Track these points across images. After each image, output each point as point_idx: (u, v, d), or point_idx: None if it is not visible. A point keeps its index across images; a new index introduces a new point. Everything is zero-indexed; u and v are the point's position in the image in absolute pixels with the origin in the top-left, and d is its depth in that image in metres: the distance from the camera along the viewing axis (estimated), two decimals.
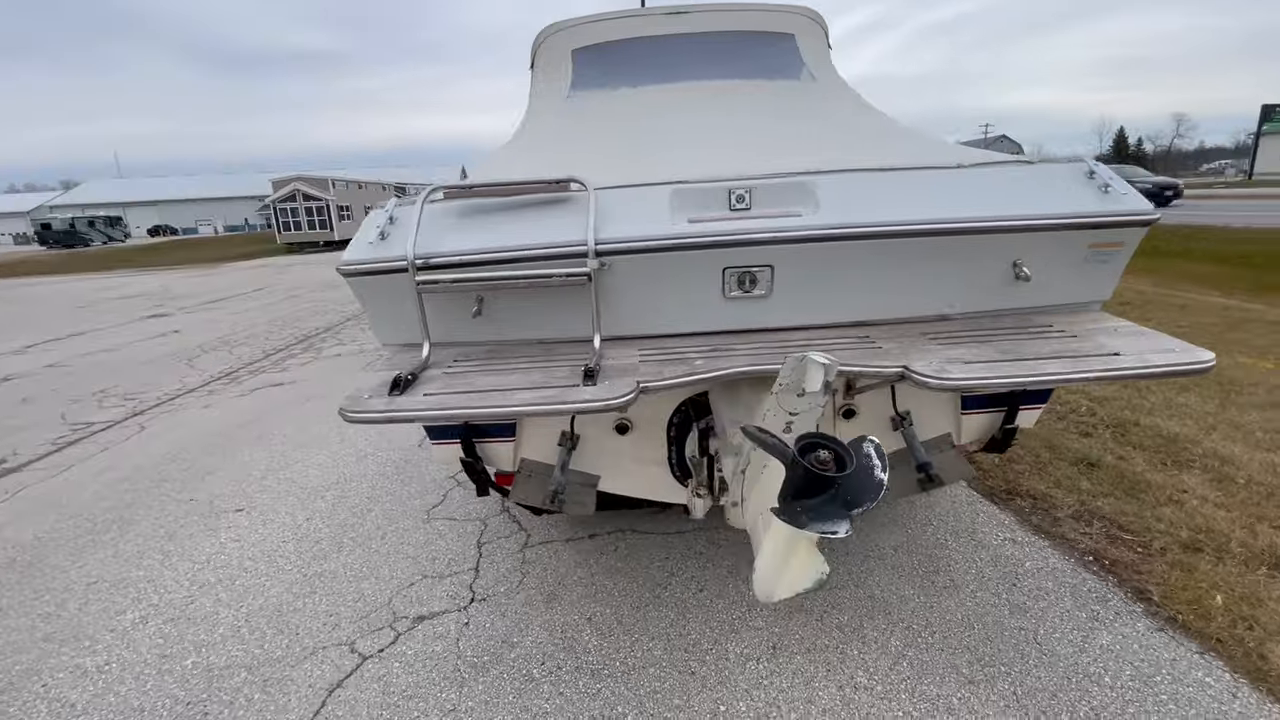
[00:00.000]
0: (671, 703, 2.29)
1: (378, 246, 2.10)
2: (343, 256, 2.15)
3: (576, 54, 3.94)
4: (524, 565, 3.22)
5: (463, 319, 2.19)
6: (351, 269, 2.10)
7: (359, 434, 5.22)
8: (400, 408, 1.79)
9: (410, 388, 1.90)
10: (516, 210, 2.17)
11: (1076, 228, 1.97)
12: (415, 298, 2.05)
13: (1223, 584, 2.59)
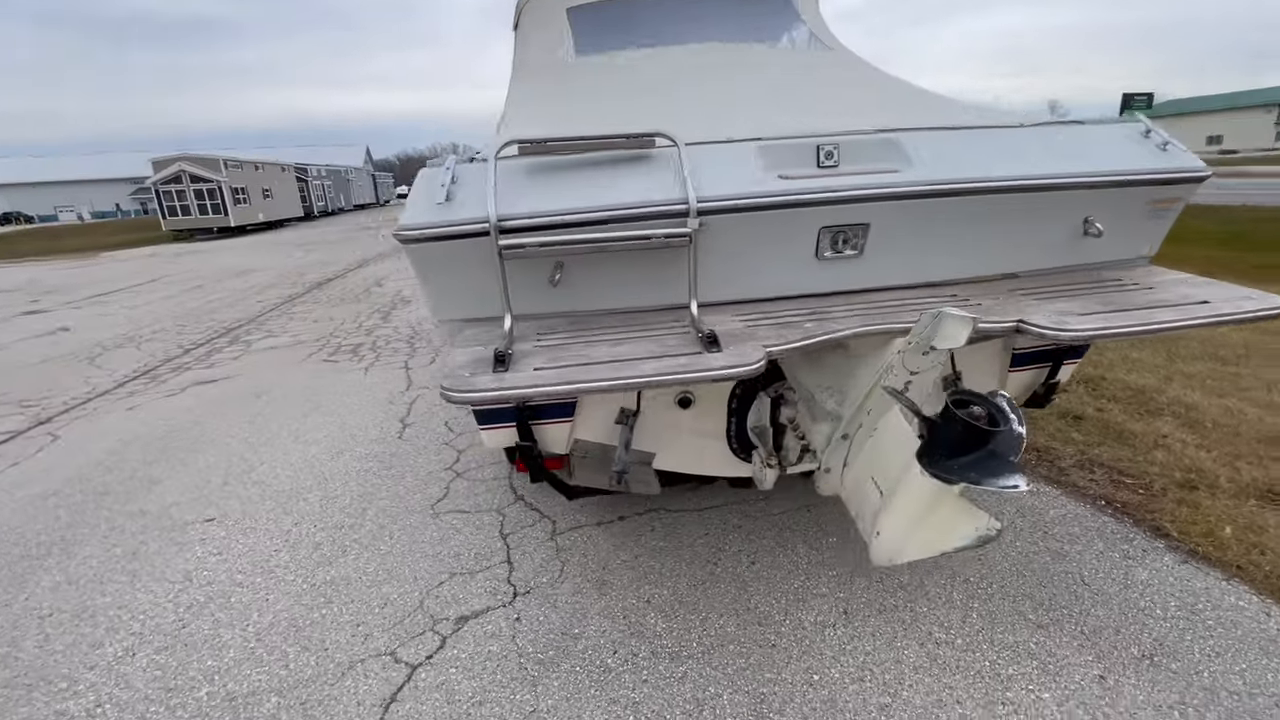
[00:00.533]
0: (763, 677, 2.24)
1: (445, 209, 1.87)
2: (401, 220, 1.90)
3: (572, 13, 3.71)
4: (559, 554, 3.06)
5: (536, 288, 2.00)
6: (414, 234, 1.87)
7: (328, 430, 4.80)
8: (518, 384, 1.60)
9: (512, 363, 1.71)
10: (591, 168, 1.99)
11: (1149, 183, 2.05)
12: (495, 264, 1.84)
13: (1225, 516, 2.85)
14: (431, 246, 1.89)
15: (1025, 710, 2.02)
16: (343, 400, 5.48)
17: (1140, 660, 2.18)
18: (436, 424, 4.79)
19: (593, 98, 2.98)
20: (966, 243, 2.13)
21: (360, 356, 6.92)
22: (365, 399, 5.47)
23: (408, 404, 5.28)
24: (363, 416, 5.06)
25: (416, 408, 5.16)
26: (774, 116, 2.56)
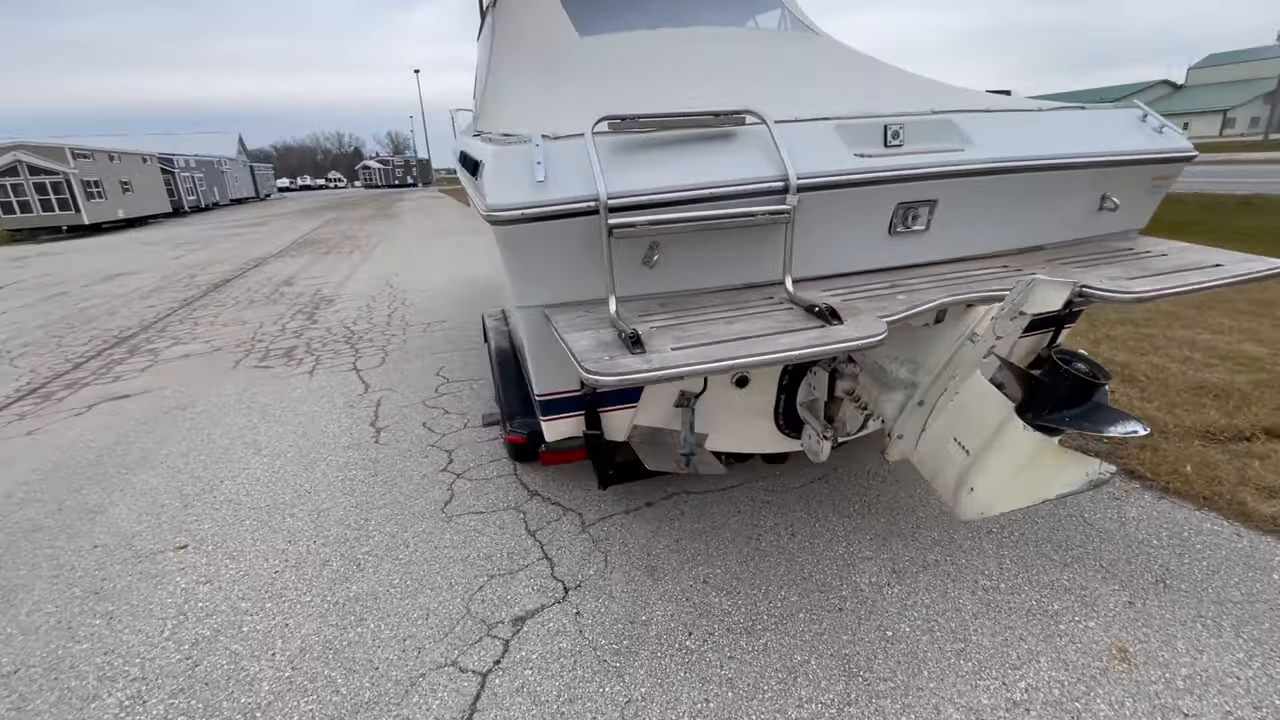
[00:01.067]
0: (841, 639, 2.33)
1: (542, 188, 1.78)
2: (490, 201, 1.79)
3: None
4: (597, 545, 3.01)
5: (626, 269, 1.95)
6: (509, 214, 1.76)
7: (289, 440, 4.41)
8: (672, 363, 1.56)
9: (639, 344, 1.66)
10: (676, 146, 1.96)
11: (1155, 161, 2.31)
12: (590, 246, 1.78)
13: (1182, 456, 3.28)
14: (529, 228, 1.80)
15: (1079, 639, 2.25)
16: (294, 408, 5.05)
17: (1155, 584, 2.48)
18: (413, 426, 4.53)
19: (609, 77, 2.92)
20: (1010, 217, 2.30)
21: (297, 360, 6.38)
22: (320, 405, 5.07)
23: (371, 407, 4.94)
24: (324, 423, 4.68)
25: (383, 411, 4.85)
26: (796, 97, 2.63)
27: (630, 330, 1.64)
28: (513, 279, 1.96)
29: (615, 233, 1.76)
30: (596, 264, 1.93)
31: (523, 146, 1.87)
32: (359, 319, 8.04)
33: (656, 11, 3.60)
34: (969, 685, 2.10)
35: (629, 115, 1.89)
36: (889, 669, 2.19)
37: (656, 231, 1.81)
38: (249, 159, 55.90)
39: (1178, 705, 1.97)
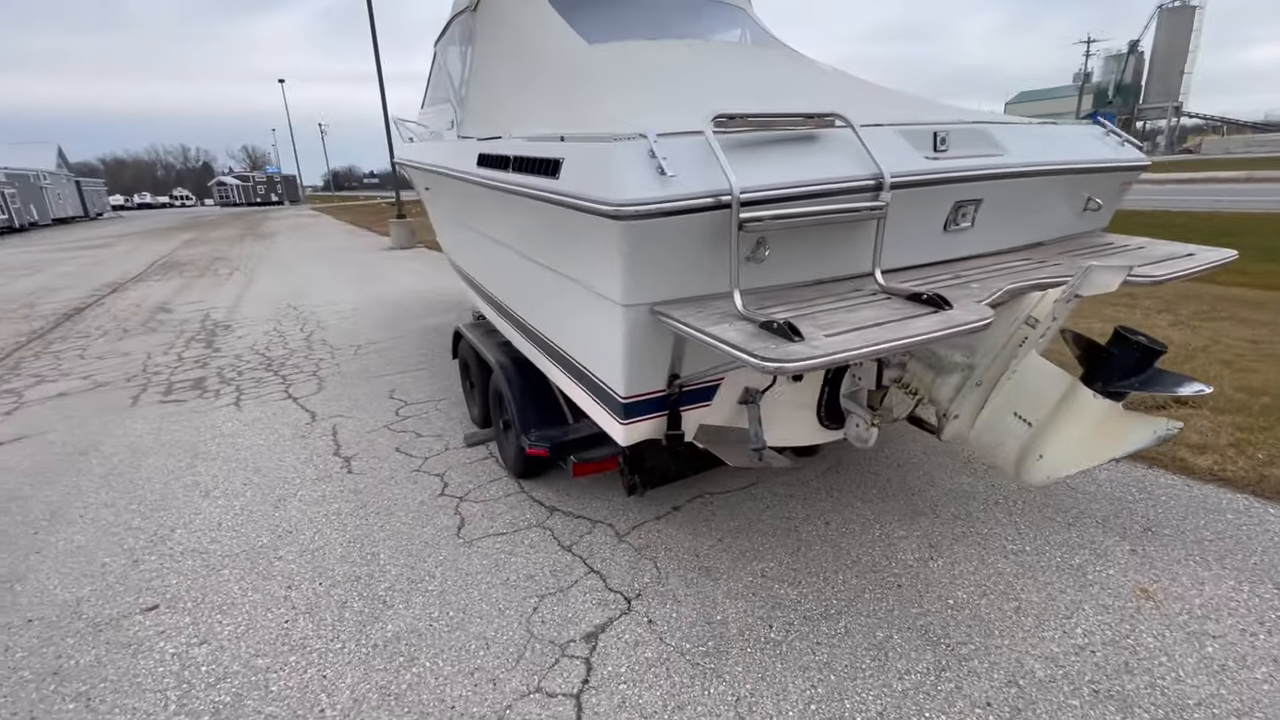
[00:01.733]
0: (910, 612, 2.47)
1: (667, 183, 1.77)
2: (616, 197, 1.75)
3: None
4: (641, 553, 2.96)
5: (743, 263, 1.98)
6: (640, 210, 1.73)
7: (241, 477, 3.93)
8: (839, 348, 1.59)
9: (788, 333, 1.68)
10: (770, 145, 2.03)
11: (1126, 169, 2.71)
12: (708, 241, 1.80)
13: None
14: (655, 223, 1.77)
15: (1107, 585, 2.54)
16: (232, 443, 4.49)
17: (1145, 533, 2.86)
18: (385, 452, 4.19)
19: (633, 83, 2.93)
20: (1027, 215, 2.59)
21: (214, 392, 5.68)
22: (264, 438, 4.55)
23: (327, 436, 4.52)
24: (277, 457, 4.21)
25: (344, 439, 4.45)
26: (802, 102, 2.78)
27: (783, 320, 1.67)
28: (625, 276, 1.91)
29: (745, 227, 1.78)
30: (708, 259, 1.94)
31: (637, 143, 1.85)
32: (272, 344, 7.30)
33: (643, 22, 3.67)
34: (1036, 637, 2.31)
35: (738, 114, 1.93)
36: (964, 633, 2.35)
37: (781, 226, 1.86)
38: (72, 173, 48.82)
39: (1204, 630, 2.29)
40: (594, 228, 1.92)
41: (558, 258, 2.33)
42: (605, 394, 2.35)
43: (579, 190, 1.94)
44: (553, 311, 2.66)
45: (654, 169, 1.79)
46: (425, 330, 7.49)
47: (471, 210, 3.33)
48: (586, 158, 1.95)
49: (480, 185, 2.82)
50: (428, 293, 9.96)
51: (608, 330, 2.12)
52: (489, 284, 3.67)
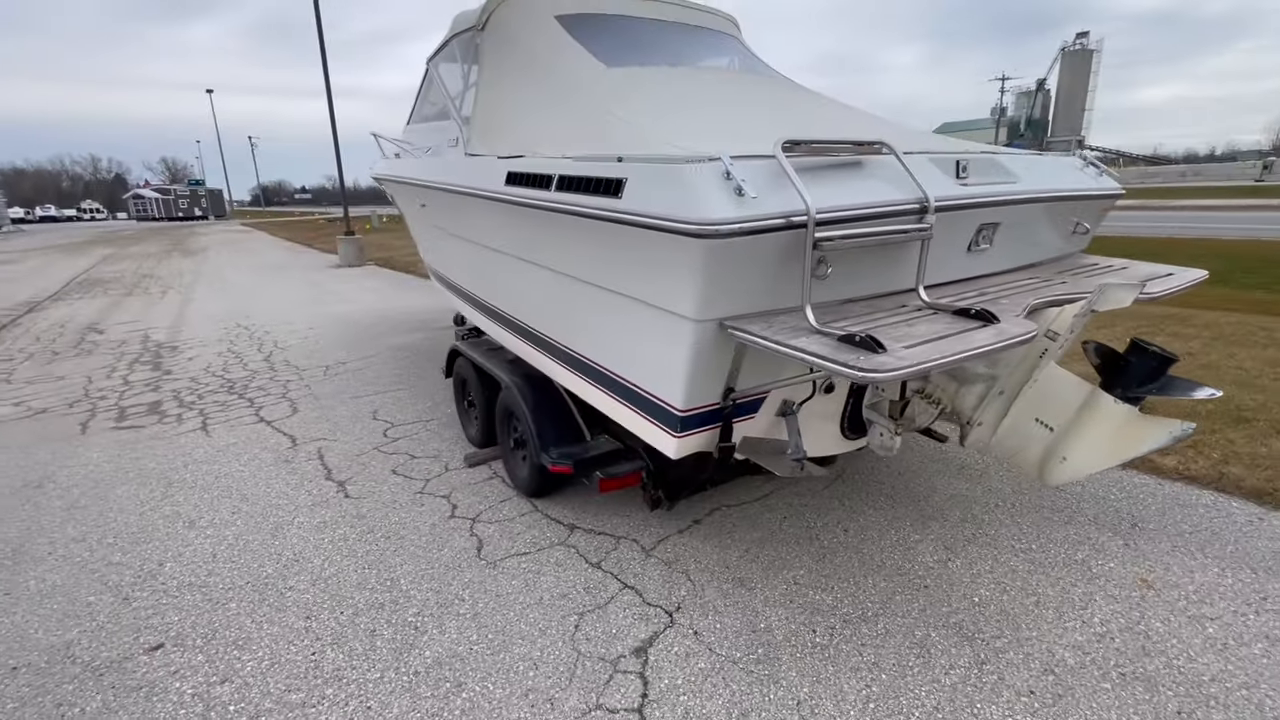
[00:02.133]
0: (942, 610, 2.60)
1: (747, 204, 1.85)
2: (701, 216, 1.81)
3: (565, 21, 3.63)
4: (671, 566, 2.98)
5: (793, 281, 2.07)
6: (724, 229, 1.81)
7: (229, 506, 3.72)
8: (923, 358, 1.70)
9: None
10: (821, 170, 2.14)
11: (1106, 197, 2.99)
12: (805, 257, 1.90)
13: None
14: (734, 242, 1.84)
15: (1111, 577, 2.75)
16: (210, 470, 4.24)
17: (1133, 528, 3.11)
18: (381, 475, 4.06)
19: (656, 108, 3.02)
20: (1031, 238, 2.82)
21: (174, 416, 5.34)
22: (243, 464, 4.32)
23: (313, 460, 4.33)
24: (263, 484, 4.01)
25: (333, 463, 4.28)
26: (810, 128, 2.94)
27: (864, 334, 1.77)
28: (700, 293, 1.97)
29: (819, 246, 1.88)
30: (773, 277, 2.03)
31: (713, 165, 1.92)
32: (229, 365, 6.93)
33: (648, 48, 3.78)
34: (1062, 628, 2.47)
35: (803, 140, 2.04)
36: (995, 628, 2.49)
37: (850, 246, 1.97)
38: None
39: (1203, 613, 2.52)
40: (666, 245, 1.97)
41: (610, 275, 2.36)
42: (656, 408, 2.39)
43: (650, 209, 1.99)
44: (591, 327, 2.68)
45: (732, 190, 1.87)
46: (396, 350, 7.29)
47: (488, 227, 3.32)
48: (657, 178, 2.01)
49: (511, 203, 2.82)
50: (389, 311, 9.68)
51: (669, 345, 2.17)
52: (500, 301, 3.65)
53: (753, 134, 3.01)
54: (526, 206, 2.68)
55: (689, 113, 3.00)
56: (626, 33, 3.75)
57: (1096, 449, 2.25)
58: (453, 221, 3.90)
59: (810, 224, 1.85)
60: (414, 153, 4.69)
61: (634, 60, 3.57)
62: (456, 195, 3.61)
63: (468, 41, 3.99)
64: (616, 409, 2.70)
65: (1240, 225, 17.34)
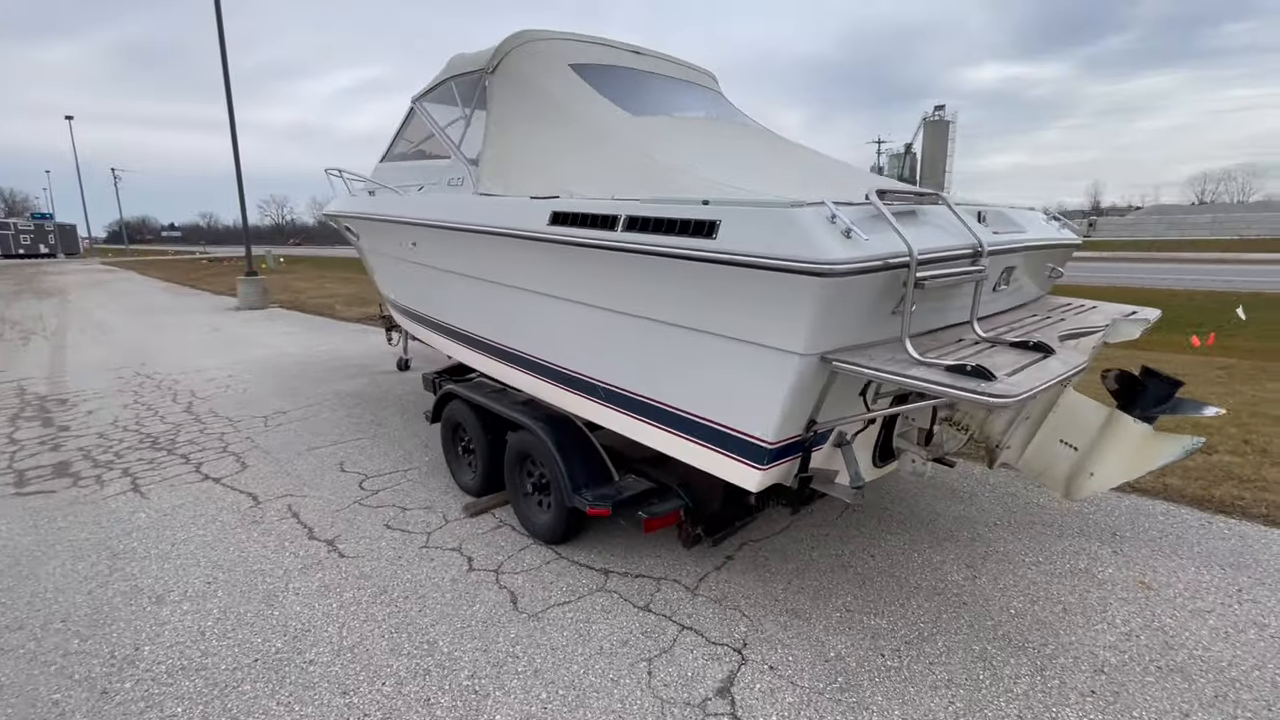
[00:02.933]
0: (987, 624, 2.76)
1: (857, 245, 1.98)
2: (820, 256, 1.92)
3: (580, 70, 3.72)
4: (720, 604, 2.97)
5: (880, 317, 2.22)
6: (842, 268, 1.92)
7: (200, 575, 3.30)
8: (1032, 383, 1.87)
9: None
10: (877, 217, 2.31)
11: (1074, 246, 3.45)
12: (907, 294, 2.05)
13: None
14: (847, 280, 1.96)
15: (1117, 581, 3.06)
16: (164, 537, 3.74)
17: (1115, 537, 3.49)
18: (373, 529, 3.76)
19: (691, 154, 3.15)
20: (1029, 280, 3.18)
21: (93, 479, 4.66)
22: (202, 528, 3.84)
23: (288, 518, 3.93)
24: (235, 548, 3.59)
25: (312, 520, 3.91)
26: (815, 182, 3.20)
27: (973, 364, 1.92)
28: (810, 328, 2.05)
29: (922, 284, 2.04)
30: (870, 312, 2.17)
31: (819, 209, 2.04)
32: (143, 419, 6.16)
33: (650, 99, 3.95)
34: (1094, 631, 2.71)
35: (888, 190, 2.22)
36: (1040, 637, 2.69)
37: (941, 284, 2.14)
38: None
39: (1199, 607, 2.86)
40: (773, 283, 2.06)
41: (693, 312, 2.40)
42: (736, 442, 2.43)
43: (754, 249, 2.07)
44: (654, 365, 2.69)
45: (840, 232, 2.00)
46: (342, 397, 6.80)
47: (519, 267, 3.25)
48: (759, 220, 2.10)
49: (562, 243, 2.81)
50: (316, 357, 9.03)
51: (764, 378, 2.23)
52: (518, 341, 3.55)
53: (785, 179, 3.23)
54: (585, 246, 2.68)
55: (724, 159, 3.16)
56: (631, 83, 3.90)
57: (1120, 464, 2.53)
58: (458, 261, 3.79)
59: (912, 264, 2.01)
60: (397, 191, 4.52)
61: (647, 109, 3.71)
62: (469, 234, 3.53)
63: (472, 83, 3.97)
64: (678, 445, 2.71)
65: (1080, 272, 20.14)
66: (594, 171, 3.15)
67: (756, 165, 3.28)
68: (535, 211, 3.01)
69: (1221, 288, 14.77)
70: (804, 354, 2.11)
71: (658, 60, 4.36)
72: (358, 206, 5.08)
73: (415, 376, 7.66)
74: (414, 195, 4.26)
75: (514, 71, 3.74)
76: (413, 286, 4.68)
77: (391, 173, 4.75)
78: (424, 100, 4.48)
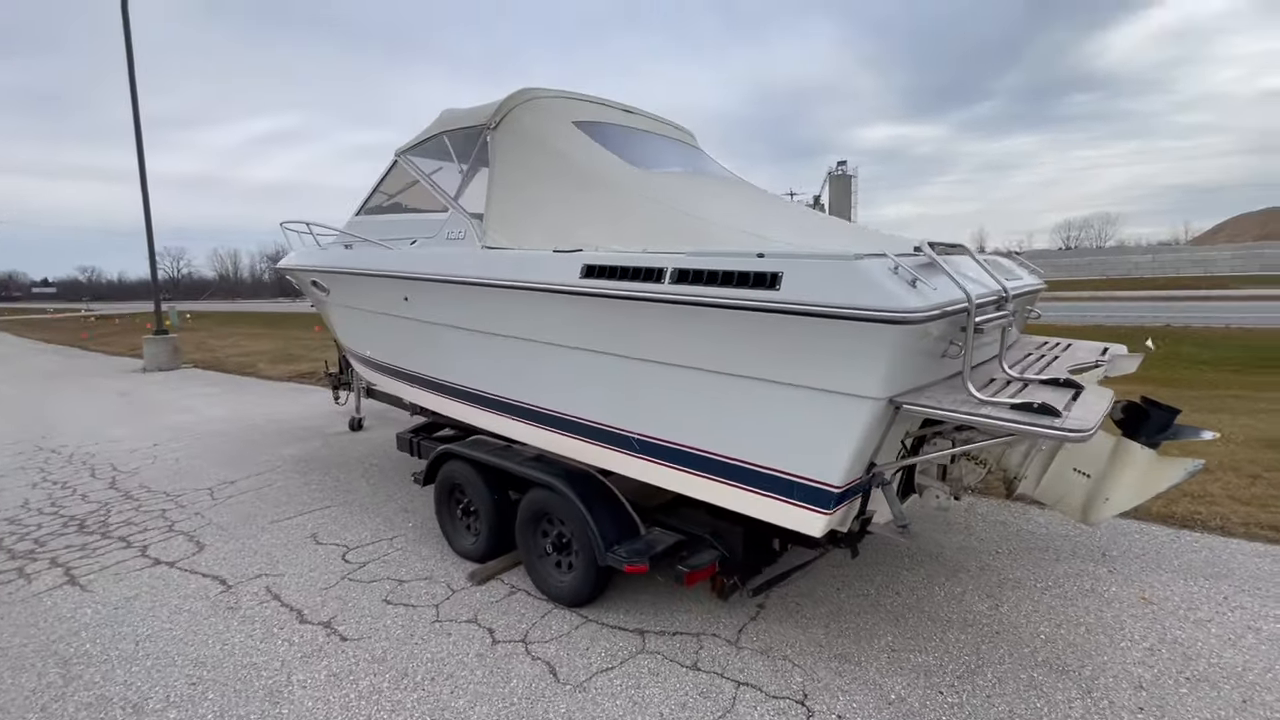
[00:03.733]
0: (1025, 651, 2.86)
1: (924, 294, 2.10)
2: (894, 305, 2.02)
3: (583, 127, 3.79)
4: (767, 655, 2.92)
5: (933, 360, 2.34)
6: (916, 316, 2.02)
7: (180, 672, 2.93)
8: (1094, 415, 2.01)
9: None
10: (928, 266, 2.47)
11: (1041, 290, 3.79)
12: (967, 337, 2.18)
13: None
14: (918, 327, 2.06)
15: (1121, 599, 3.26)
16: (117, 635, 3.28)
17: (1104, 556, 3.73)
18: (372, 606, 3.46)
19: (699, 207, 3.25)
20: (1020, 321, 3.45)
21: (16, 571, 4.05)
22: (169, 621, 3.41)
23: (270, 601, 3.56)
24: (216, 642, 3.20)
25: (298, 601, 3.56)
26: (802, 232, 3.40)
27: (1039, 401, 2.06)
28: (885, 373, 2.13)
29: (980, 329, 2.18)
30: (928, 355, 2.28)
31: (883, 260, 2.16)
32: (59, 499, 5.45)
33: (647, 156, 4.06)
34: (1120, 649, 2.87)
35: (936, 242, 2.37)
36: (1076, 659, 2.81)
37: (994, 327, 2.29)
38: None
39: (1199, 618, 3.09)
40: (844, 332, 2.14)
41: (753, 362, 2.44)
42: (799, 488, 2.45)
43: (823, 299, 2.15)
44: (703, 415, 2.68)
45: (905, 282, 2.12)
46: (293, 462, 6.30)
47: (543, 321, 3.19)
48: (824, 272, 2.18)
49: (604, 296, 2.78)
50: (251, 420, 8.37)
51: (833, 424, 2.28)
52: (535, 396, 3.44)
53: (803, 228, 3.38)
54: (631, 299, 2.68)
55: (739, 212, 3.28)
56: (629, 141, 4.01)
57: (1131, 488, 2.74)
58: (464, 315, 3.67)
59: (971, 310, 2.15)
60: (383, 244, 4.35)
61: (650, 165, 3.82)
62: (479, 288, 3.45)
63: (470, 138, 3.94)
64: (729, 494, 2.69)
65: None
66: (615, 226, 3.18)
67: (770, 217, 3.43)
68: (562, 265, 2.99)
69: (1114, 322, 16.54)
70: (878, 398, 2.19)
71: (647, 119, 4.52)
72: (330, 260, 4.84)
73: (372, 437, 7.24)
74: (407, 249, 4.12)
75: (519, 127, 3.76)
76: (399, 343, 4.47)
77: (372, 226, 4.59)
78: (411, 154, 4.39)
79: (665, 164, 4.11)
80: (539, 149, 3.67)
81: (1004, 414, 2.06)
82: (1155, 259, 50.21)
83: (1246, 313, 17.89)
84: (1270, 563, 3.60)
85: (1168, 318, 16.76)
